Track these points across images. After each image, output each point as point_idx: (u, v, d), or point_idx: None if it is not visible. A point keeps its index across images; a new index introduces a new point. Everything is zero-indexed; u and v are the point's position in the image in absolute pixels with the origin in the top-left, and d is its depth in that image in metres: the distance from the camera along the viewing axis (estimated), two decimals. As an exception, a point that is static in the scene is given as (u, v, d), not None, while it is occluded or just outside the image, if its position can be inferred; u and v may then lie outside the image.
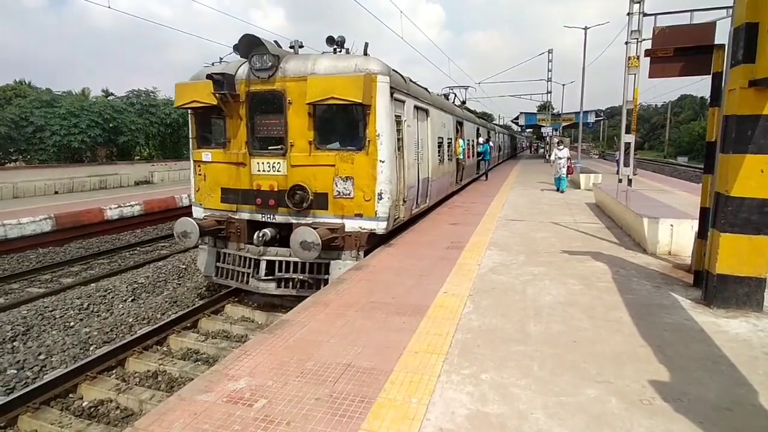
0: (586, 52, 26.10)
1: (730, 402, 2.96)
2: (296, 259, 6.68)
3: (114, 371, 5.60)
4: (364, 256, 6.83)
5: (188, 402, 3.03)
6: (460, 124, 14.97)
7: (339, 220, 6.87)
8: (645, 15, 11.90)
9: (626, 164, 12.25)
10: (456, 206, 11.94)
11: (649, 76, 5.30)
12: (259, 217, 7.24)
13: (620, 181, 12.23)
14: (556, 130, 34.63)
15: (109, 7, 11.17)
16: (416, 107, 8.75)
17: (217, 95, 6.91)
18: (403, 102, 7.80)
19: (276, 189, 6.95)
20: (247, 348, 3.83)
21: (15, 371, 5.53)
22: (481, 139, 19.84)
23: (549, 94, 35.01)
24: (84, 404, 4.97)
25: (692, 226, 6.38)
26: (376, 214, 6.76)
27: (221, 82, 6.80)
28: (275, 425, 2.75)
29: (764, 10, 3.95)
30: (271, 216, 7.16)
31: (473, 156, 18.20)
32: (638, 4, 11.91)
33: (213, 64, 7.58)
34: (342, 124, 7.09)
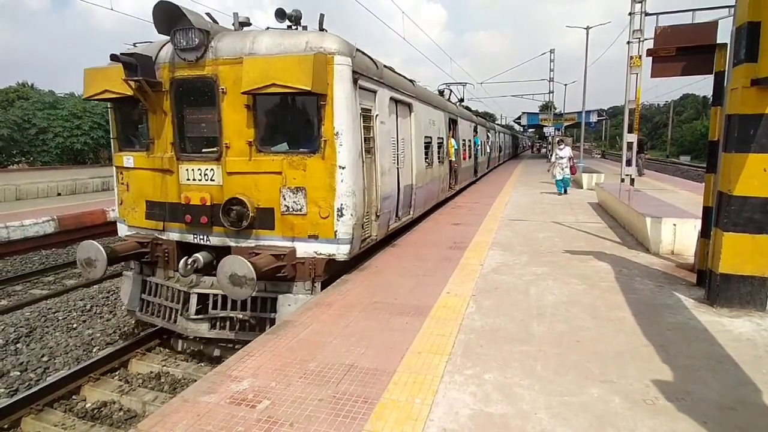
0: (588, 51, 26.08)
1: (734, 401, 2.95)
2: None
3: (117, 373, 5.61)
4: (322, 288, 5.51)
5: (191, 403, 3.03)
6: (453, 122, 13.61)
7: (288, 243, 5.44)
8: (647, 14, 11.89)
9: (629, 164, 12.25)
10: (458, 206, 11.94)
11: (652, 76, 5.30)
12: (190, 238, 5.78)
13: (623, 180, 12.22)
14: (559, 130, 34.61)
15: (111, 9, 11.21)
16: (394, 100, 7.33)
17: (130, 83, 5.47)
18: (374, 92, 6.34)
19: (209, 203, 5.52)
20: (250, 349, 3.84)
21: (18, 373, 5.55)
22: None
23: (551, 94, 35.05)
24: (87, 406, 4.98)
25: (695, 225, 6.36)
26: (335, 235, 5.36)
27: (133, 65, 5.33)
28: (278, 426, 2.76)
29: (766, 9, 3.94)
30: (205, 237, 5.73)
31: (470, 158, 17.32)
32: (640, 4, 11.90)
33: (135, 45, 6.00)
34: (291, 120, 5.65)
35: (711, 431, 2.64)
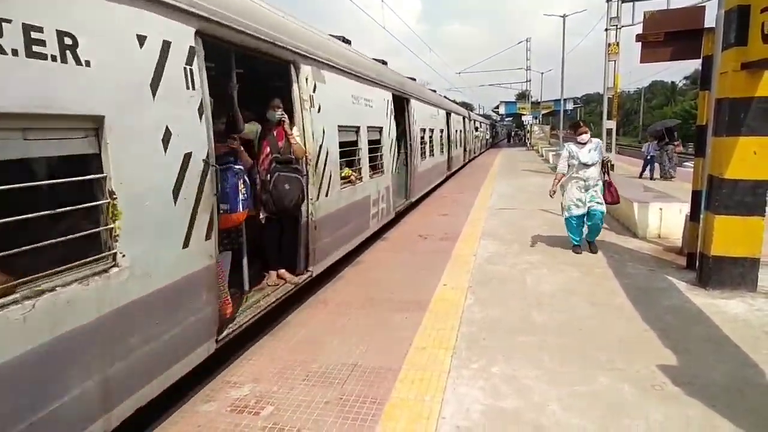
0: (565, 40, 26.36)
1: (741, 383, 2.97)
2: None
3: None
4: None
5: (190, 414, 2.88)
6: None
7: None
8: (623, 1, 12.01)
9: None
10: (444, 197, 11.91)
11: (641, 61, 5.31)
12: None
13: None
14: (536, 118, 35.01)
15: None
16: None
17: None
18: None
19: None
20: (249, 353, 3.68)
21: None
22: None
23: (528, 83, 35.40)
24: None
25: (680, 209, 6.47)
26: None
27: None
28: (286, 433, 2.63)
29: (755, -9, 3.96)
30: None
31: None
32: (617, -9, 12.01)
33: None
34: None
35: (722, 414, 2.65)
